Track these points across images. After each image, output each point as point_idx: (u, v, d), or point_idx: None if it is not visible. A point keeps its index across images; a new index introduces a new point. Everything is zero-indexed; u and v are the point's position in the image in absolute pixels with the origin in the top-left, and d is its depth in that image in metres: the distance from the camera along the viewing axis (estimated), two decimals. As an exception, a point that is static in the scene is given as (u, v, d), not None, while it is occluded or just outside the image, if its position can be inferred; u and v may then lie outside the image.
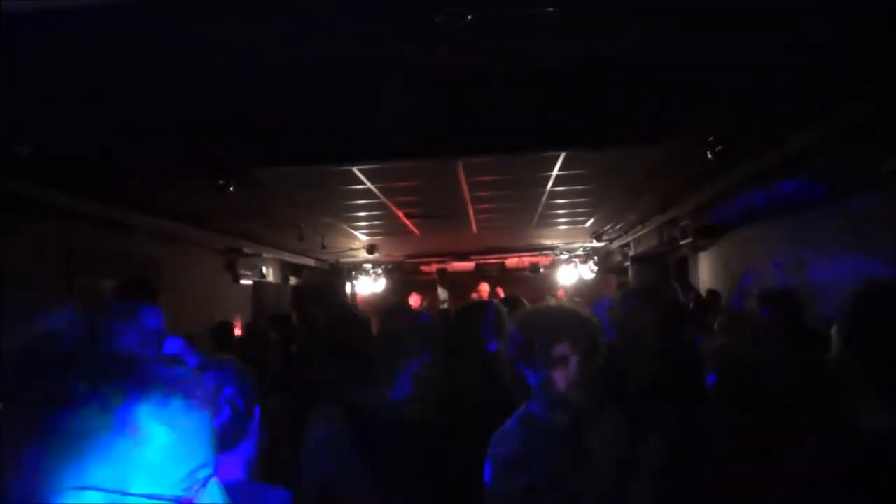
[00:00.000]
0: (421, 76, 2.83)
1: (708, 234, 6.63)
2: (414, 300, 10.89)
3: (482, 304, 3.41)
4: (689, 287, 7.22)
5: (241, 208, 5.33)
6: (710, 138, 3.81)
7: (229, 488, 1.62)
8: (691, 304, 5.78)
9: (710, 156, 3.91)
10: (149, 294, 3.12)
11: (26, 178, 3.68)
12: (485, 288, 10.99)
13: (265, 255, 8.27)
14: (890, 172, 3.39)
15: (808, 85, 3.03)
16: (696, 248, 7.31)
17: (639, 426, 1.82)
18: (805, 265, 4.80)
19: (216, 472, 1.45)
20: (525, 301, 3.66)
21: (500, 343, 2.59)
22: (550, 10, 2.18)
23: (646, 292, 2.54)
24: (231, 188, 4.31)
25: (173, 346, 2.18)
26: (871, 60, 2.69)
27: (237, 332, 5.65)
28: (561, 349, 1.81)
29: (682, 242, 7.07)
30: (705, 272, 7.40)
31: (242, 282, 7.74)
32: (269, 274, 8.71)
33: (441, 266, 12.01)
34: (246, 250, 7.51)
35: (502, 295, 10.06)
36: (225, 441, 1.64)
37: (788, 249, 5.18)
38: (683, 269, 7.92)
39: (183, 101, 2.97)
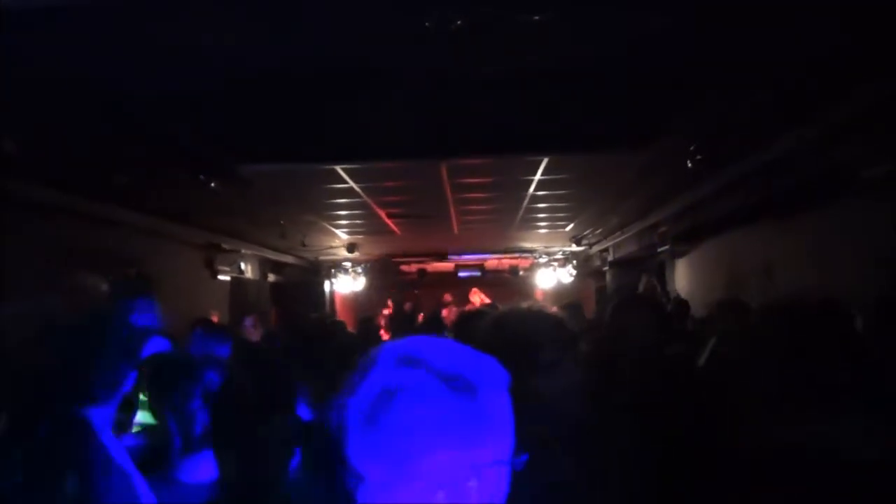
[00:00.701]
0: (408, 78, 2.84)
1: (686, 241, 6.72)
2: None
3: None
4: (666, 294, 7.32)
5: (223, 204, 5.30)
6: (691, 147, 3.87)
7: (204, 489, 1.63)
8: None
9: (689, 165, 3.97)
10: (148, 289, 3.11)
11: (9, 174, 3.64)
12: (475, 297, 10.91)
13: (244, 251, 8.22)
14: (871, 179, 3.46)
15: (787, 93, 3.09)
16: (674, 255, 7.40)
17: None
18: (773, 273, 4.89)
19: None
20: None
21: None
22: (536, 17, 2.21)
23: (640, 300, 2.54)
24: (213, 185, 4.29)
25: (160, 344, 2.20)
26: (851, 69, 2.75)
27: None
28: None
29: (661, 249, 7.16)
30: (682, 278, 7.50)
31: (220, 277, 7.68)
32: (248, 270, 8.65)
33: (421, 266, 12.00)
34: (225, 246, 7.45)
35: (479, 302, 10.10)
36: (230, 436, 1.64)
37: (762, 257, 5.27)
38: (661, 275, 8.01)
39: (168, 97, 2.95)
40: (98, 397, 1.51)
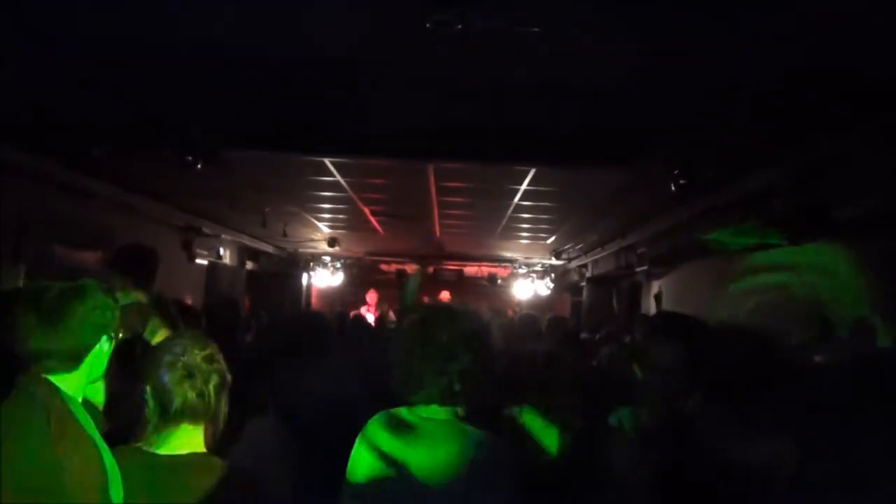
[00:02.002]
0: (404, 77, 2.87)
1: (663, 263, 6.81)
2: (371, 298, 10.87)
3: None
4: (639, 314, 7.40)
5: (206, 187, 5.27)
6: (676, 171, 3.93)
7: (190, 459, 1.64)
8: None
9: (673, 188, 4.04)
10: (153, 264, 3.09)
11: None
12: (445, 296, 10.93)
13: (224, 236, 8.17)
14: (841, 221, 3.54)
15: (768, 128, 3.17)
16: (650, 276, 7.49)
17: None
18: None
19: None
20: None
21: None
22: (535, 29, 2.25)
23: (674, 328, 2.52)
24: (199, 166, 4.27)
25: None
26: (828, 109, 2.83)
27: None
28: None
29: (638, 269, 7.24)
30: (652, 300, 7.58)
31: (198, 261, 7.62)
32: (226, 256, 8.59)
33: (400, 267, 12.01)
34: (205, 230, 7.40)
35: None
36: (211, 409, 1.66)
37: (727, 287, 5.36)
38: (636, 295, 8.10)
39: (161, 72, 2.94)
40: (64, 365, 1.52)
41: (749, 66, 2.53)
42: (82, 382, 1.57)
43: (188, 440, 1.66)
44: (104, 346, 1.61)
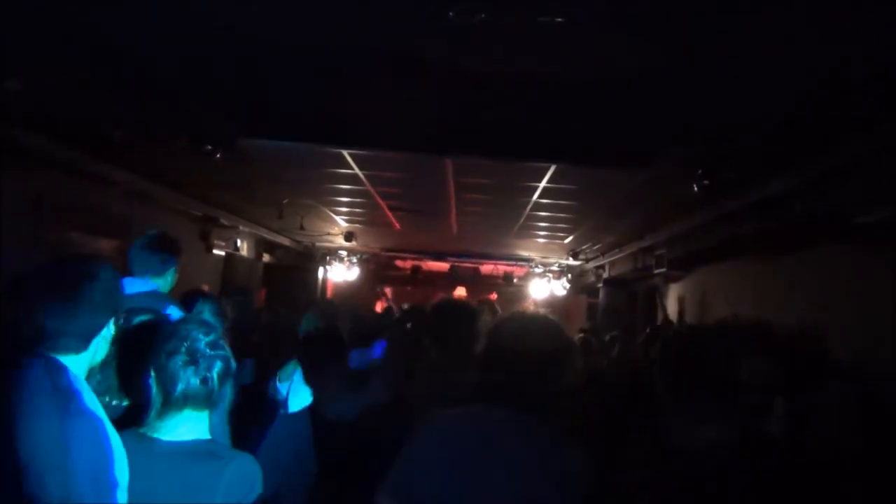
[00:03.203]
0: (425, 69, 2.84)
1: (681, 266, 6.73)
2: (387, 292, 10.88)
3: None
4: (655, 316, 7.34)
5: (225, 178, 5.29)
6: (699, 171, 3.88)
7: (193, 446, 1.64)
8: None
9: (696, 189, 3.98)
10: (176, 252, 3.11)
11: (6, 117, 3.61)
12: (461, 293, 10.87)
13: (242, 228, 8.20)
14: (862, 225, 3.47)
15: (790, 131, 3.11)
16: (668, 279, 7.41)
17: None
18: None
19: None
20: None
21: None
22: (560, 20, 2.21)
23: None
24: (217, 156, 4.27)
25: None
26: (851, 112, 2.77)
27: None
28: None
29: (656, 271, 7.16)
30: (673, 303, 7.51)
31: (215, 252, 7.66)
32: (243, 248, 8.63)
33: (415, 263, 12.00)
34: (223, 221, 7.43)
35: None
36: (214, 396, 1.65)
37: (750, 290, 5.29)
38: (652, 298, 8.02)
39: (182, 60, 2.94)
40: (75, 345, 1.51)
41: (772, 68, 2.48)
42: (87, 363, 1.57)
43: (193, 426, 1.65)
44: (111, 329, 1.60)
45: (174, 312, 2.52)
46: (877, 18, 2.01)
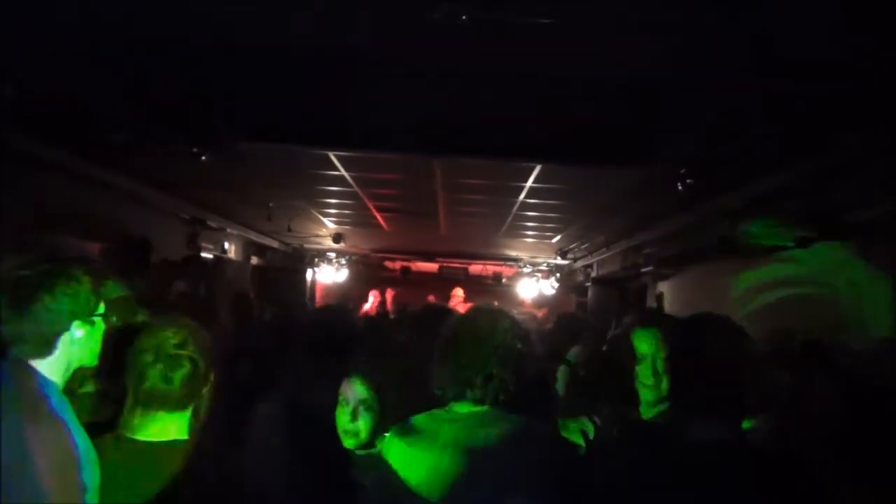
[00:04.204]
0: (410, 70, 2.84)
1: (669, 265, 6.76)
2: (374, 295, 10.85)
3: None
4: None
5: (212, 180, 5.26)
6: (683, 170, 3.90)
7: (170, 446, 1.63)
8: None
9: (680, 187, 4.00)
10: (145, 254, 3.09)
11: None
12: (459, 293, 10.79)
13: (230, 230, 8.17)
14: (855, 224, 3.51)
15: (781, 129, 3.13)
16: (657, 277, 7.44)
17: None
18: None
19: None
20: None
21: None
22: (545, 21, 2.22)
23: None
24: (204, 157, 4.26)
25: None
26: (841, 110, 2.80)
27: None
28: None
29: (644, 270, 7.19)
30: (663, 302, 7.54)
31: (202, 254, 7.62)
32: (231, 250, 8.59)
33: (405, 264, 11.99)
34: (211, 223, 7.40)
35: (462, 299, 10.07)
36: (183, 397, 1.64)
37: (739, 289, 5.31)
38: (642, 296, 8.05)
39: (168, 63, 2.93)
40: (36, 350, 1.51)
41: (761, 66, 2.50)
42: (62, 367, 1.55)
43: (168, 427, 1.64)
44: (76, 332, 1.57)
45: None
46: (869, 18, 2.04)
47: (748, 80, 2.63)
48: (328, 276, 11.58)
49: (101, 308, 1.63)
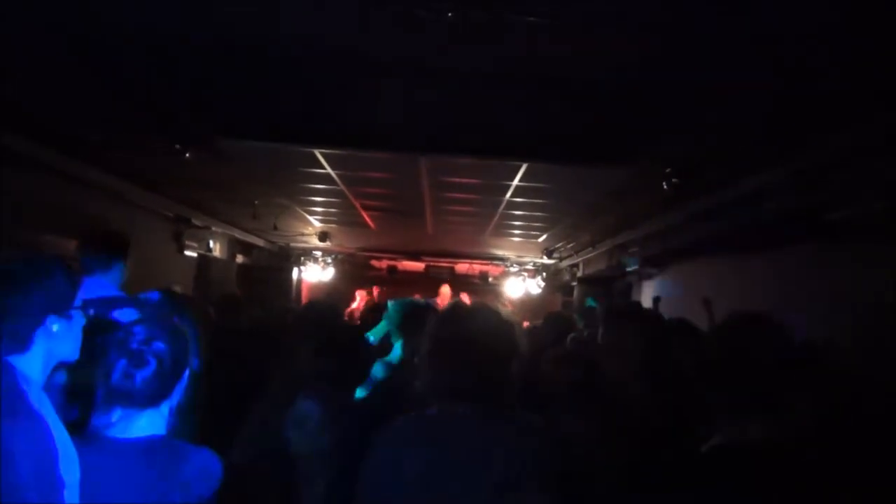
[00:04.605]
0: (396, 67, 2.83)
1: (654, 264, 6.80)
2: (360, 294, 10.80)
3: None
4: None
5: (197, 178, 5.23)
6: (668, 169, 3.92)
7: (147, 443, 1.63)
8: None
9: (665, 187, 4.03)
10: (122, 248, 3.05)
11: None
12: (445, 291, 10.76)
13: (215, 228, 8.11)
14: (835, 223, 3.54)
15: (764, 129, 3.16)
16: (642, 276, 7.48)
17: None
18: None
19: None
20: None
21: None
22: (530, 18, 2.22)
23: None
24: (188, 154, 4.23)
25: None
26: (824, 110, 2.82)
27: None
28: None
29: (629, 269, 7.23)
30: (647, 301, 7.58)
31: (187, 253, 7.56)
32: (216, 249, 8.54)
33: (391, 263, 11.97)
34: (195, 221, 7.35)
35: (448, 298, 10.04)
36: (148, 394, 1.63)
37: (724, 288, 5.35)
38: (627, 296, 8.09)
39: (152, 60, 2.91)
40: (12, 346, 1.49)
41: (746, 66, 2.52)
42: (40, 362, 1.53)
43: (145, 423, 1.63)
44: (52, 327, 1.55)
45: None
46: (849, 19, 2.05)
47: (735, 79, 2.64)
48: (314, 274, 11.53)
49: (79, 302, 1.61)
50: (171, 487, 1.55)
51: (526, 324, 10.04)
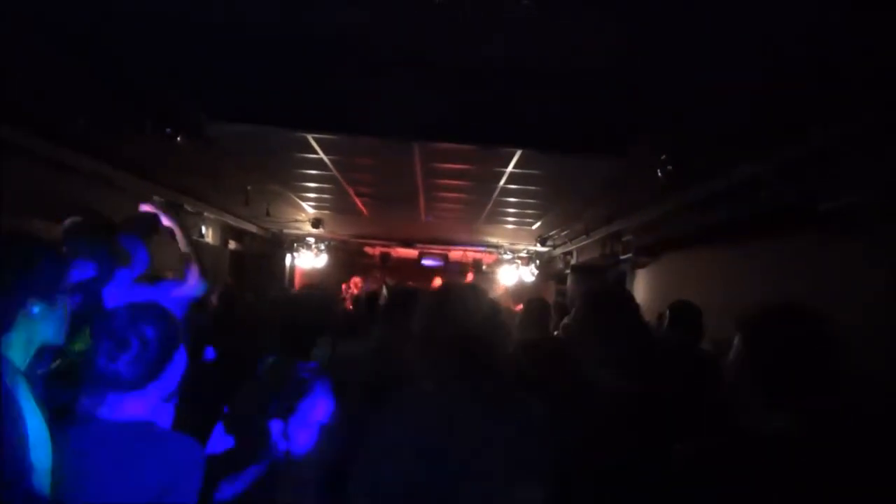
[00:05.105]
0: (391, 54, 2.81)
1: (648, 252, 6.80)
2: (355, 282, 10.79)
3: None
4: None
5: (188, 164, 5.18)
6: (663, 157, 3.91)
7: (129, 427, 1.61)
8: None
9: (660, 174, 4.02)
10: (104, 231, 3.02)
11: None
12: (438, 283, 10.78)
13: (207, 214, 8.07)
14: (827, 213, 3.54)
15: (758, 119, 3.15)
16: (635, 265, 7.48)
17: None
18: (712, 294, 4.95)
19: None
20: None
21: None
22: (525, 2, 2.19)
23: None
24: (179, 139, 4.18)
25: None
26: (818, 100, 2.82)
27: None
28: None
29: (623, 257, 7.23)
30: (640, 290, 7.59)
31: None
32: (209, 235, 8.50)
33: (384, 250, 11.95)
34: (187, 207, 7.30)
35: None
36: (132, 378, 1.61)
37: (718, 277, 5.37)
38: (620, 284, 8.09)
39: (143, 44, 2.87)
40: None
41: (739, 56, 2.50)
42: (21, 344, 1.51)
43: (125, 406, 1.62)
44: (34, 309, 1.52)
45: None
46: (841, 10, 2.04)
47: (727, 71, 2.63)
48: (307, 261, 11.51)
49: (63, 285, 1.59)
50: (148, 472, 1.54)
51: (519, 307, 10.11)
